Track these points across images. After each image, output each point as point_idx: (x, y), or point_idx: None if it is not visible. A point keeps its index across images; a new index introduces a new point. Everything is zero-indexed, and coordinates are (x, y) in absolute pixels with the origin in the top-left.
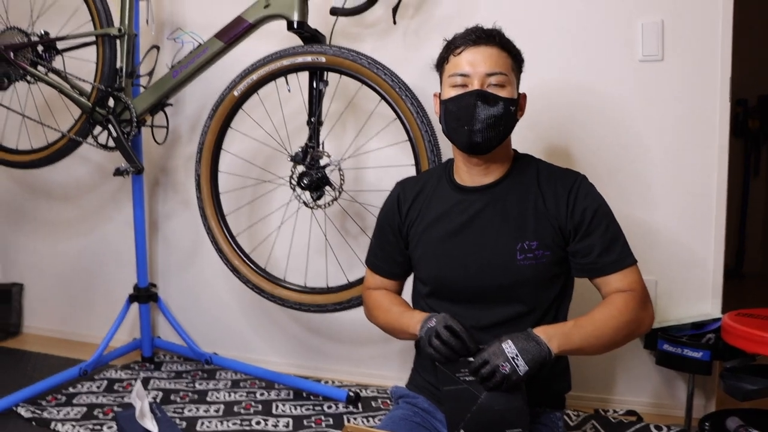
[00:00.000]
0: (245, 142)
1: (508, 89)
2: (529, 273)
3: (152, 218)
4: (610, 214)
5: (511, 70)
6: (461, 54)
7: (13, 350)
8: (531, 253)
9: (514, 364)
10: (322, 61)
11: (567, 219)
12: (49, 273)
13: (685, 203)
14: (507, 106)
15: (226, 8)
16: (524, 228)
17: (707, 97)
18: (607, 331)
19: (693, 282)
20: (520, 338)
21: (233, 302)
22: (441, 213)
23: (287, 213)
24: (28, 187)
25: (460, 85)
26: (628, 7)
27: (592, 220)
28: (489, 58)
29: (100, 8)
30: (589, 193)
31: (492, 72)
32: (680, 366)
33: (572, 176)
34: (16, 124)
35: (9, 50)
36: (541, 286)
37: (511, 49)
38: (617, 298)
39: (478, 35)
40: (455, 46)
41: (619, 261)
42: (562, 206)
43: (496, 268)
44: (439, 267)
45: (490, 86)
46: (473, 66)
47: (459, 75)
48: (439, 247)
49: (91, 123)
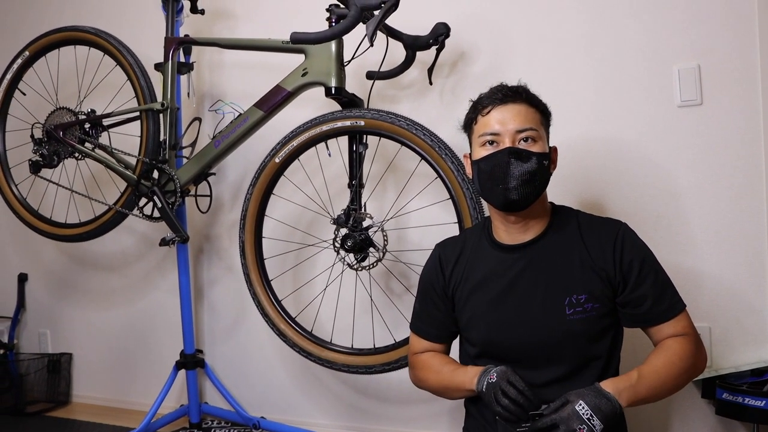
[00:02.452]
0: (288, 207)
1: (540, 144)
2: (579, 327)
3: (197, 285)
4: (656, 261)
5: (541, 125)
6: (490, 113)
7: (62, 420)
8: (580, 307)
9: (590, 426)
10: (361, 125)
11: (615, 270)
12: (97, 342)
13: (737, 248)
14: (540, 161)
15: (265, 78)
16: (571, 282)
17: (751, 139)
18: (669, 379)
19: (749, 327)
20: (590, 395)
21: (279, 366)
22: (485, 274)
23: (332, 275)
24: (77, 258)
25: (491, 144)
26: (662, 54)
27: (641, 270)
28: (518, 116)
29: (144, 84)
30: (635, 243)
31: (522, 128)
32: (741, 416)
33: (615, 225)
34: (65, 198)
35: (59, 130)
36: (592, 340)
37: (538, 104)
38: (674, 344)
39: (504, 93)
40: (482, 105)
41: (671, 308)
42: (608, 256)
43: (547, 325)
44: (488, 330)
45: (521, 143)
46: (503, 124)
47: (489, 134)
48: (488, 310)
49: (136, 195)
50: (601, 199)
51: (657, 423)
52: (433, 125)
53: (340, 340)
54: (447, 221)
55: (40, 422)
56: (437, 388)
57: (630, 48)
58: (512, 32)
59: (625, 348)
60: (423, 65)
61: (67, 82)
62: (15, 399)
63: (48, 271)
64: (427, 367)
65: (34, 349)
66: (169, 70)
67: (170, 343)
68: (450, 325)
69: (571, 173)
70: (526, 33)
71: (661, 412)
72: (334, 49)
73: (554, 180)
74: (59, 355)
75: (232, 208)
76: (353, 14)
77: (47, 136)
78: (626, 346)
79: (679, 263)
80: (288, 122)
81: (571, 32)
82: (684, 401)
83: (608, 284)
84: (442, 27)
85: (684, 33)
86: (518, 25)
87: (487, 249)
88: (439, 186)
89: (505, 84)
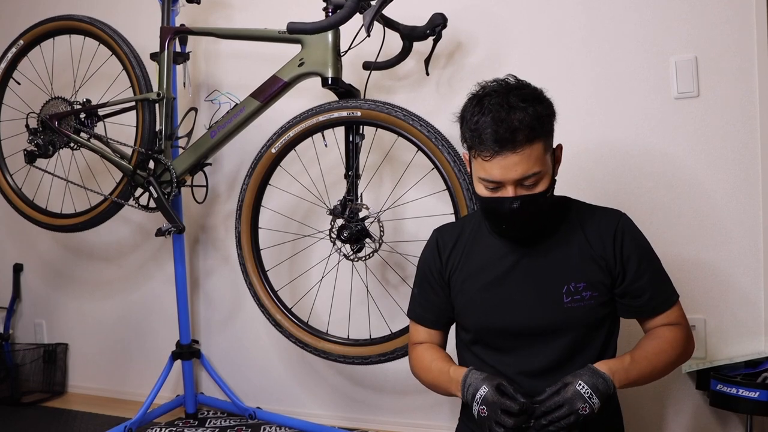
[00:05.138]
0: (284, 198)
1: (544, 180)
2: (577, 314)
3: (193, 276)
4: (653, 252)
5: (544, 154)
6: (490, 161)
7: (58, 410)
8: (578, 295)
9: (591, 404)
10: (357, 115)
11: (615, 260)
12: (93, 332)
13: (733, 240)
14: (544, 197)
15: (261, 68)
16: (570, 269)
17: (748, 130)
18: (659, 365)
19: (744, 319)
20: (587, 375)
21: (276, 356)
22: (483, 260)
23: (328, 266)
24: (72, 248)
25: (492, 189)
26: (659, 46)
27: (640, 262)
28: (520, 164)
29: (139, 74)
30: (635, 234)
31: (526, 176)
32: (736, 407)
33: (615, 215)
34: (60, 189)
35: (54, 119)
36: (589, 328)
37: (539, 134)
38: (666, 333)
39: (503, 139)
40: (479, 147)
41: (667, 301)
42: (608, 246)
43: (544, 311)
44: (485, 315)
45: (525, 187)
46: (504, 174)
47: (490, 181)
48: (484, 296)
49: (132, 185)
50: (597, 190)
51: (652, 414)
52: (430, 116)
53: (336, 331)
54: (443, 212)
55: (35, 412)
56: (429, 386)
57: (627, 39)
58: (509, 23)
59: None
60: (420, 56)
61: (63, 71)
62: (10, 389)
63: (43, 262)
64: (420, 362)
65: (30, 340)
66: (164, 59)
67: (166, 333)
68: (448, 310)
69: (568, 165)
70: (524, 24)
71: (656, 403)
72: (330, 39)
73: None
74: (55, 345)
75: (228, 199)
76: (350, 4)
77: (42, 125)
78: (622, 334)
79: (675, 254)
80: (284, 112)
81: (569, 23)
82: (678, 392)
83: (608, 274)
84: (438, 17)
85: (681, 25)
86: (515, 15)
87: (485, 236)
88: (436, 177)
89: (504, 113)
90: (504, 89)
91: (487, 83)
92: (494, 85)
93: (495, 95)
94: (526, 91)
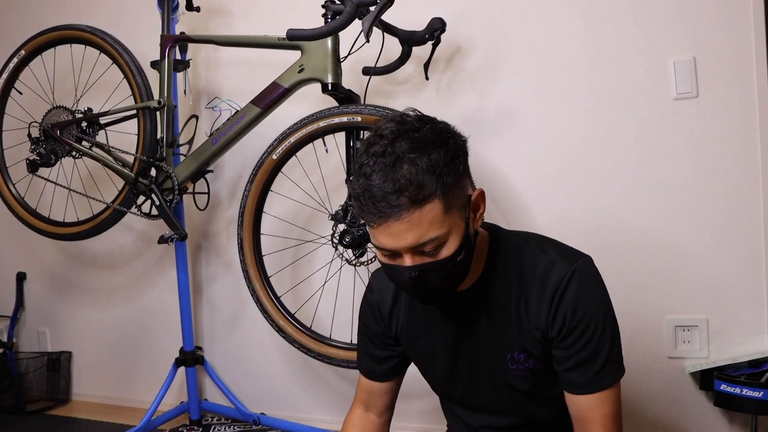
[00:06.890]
0: (285, 204)
1: (449, 244)
2: (525, 383)
3: (196, 282)
4: (600, 320)
5: (444, 213)
6: (376, 228)
7: (63, 418)
8: (521, 365)
9: None
10: (357, 120)
11: (549, 326)
12: (97, 340)
13: (734, 240)
14: (452, 262)
15: (261, 75)
16: (510, 338)
17: (747, 131)
18: None
19: (746, 319)
20: None
21: (279, 362)
22: (425, 323)
23: (330, 271)
24: (75, 257)
25: (388, 255)
26: (657, 47)
27: (574, 323)
28: (409, 231)
29: (140, 82)
30: (579, 293)
31: (420, 243)
32: (740, 407)
33: (562, 271)
34: (62, 198)
35: (55, 128)
36: (544, 390)
37: (432, 190)
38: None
39: (381, 208)
40: (362, 213)
41: (592, 383)
42: (544, 311)
43: (493, 379)
44: (438, 382)
45: (425, 253)
46: (394, 243)
47: (383, 249)
48: (434, 364)
49: (134, 193)
50: (596, 193)
51: (655, 415)
52: None
53: (339, 336)
54: None
55: (40, 421)
56: None
57: (626, 41)
58: (508, 26)
59: None
60: (419, 60)
61: (64, 80)
62: (15, 398)
63: (46, 270)
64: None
65: (34, 348)
66: (165, 67)
67: (169, 340)
68: (396, 359)
69: (567, 167)
70: (522, 27)
71: (659, 404)
72: (330, 45)
73: (550, 176)
74: (59, 354)
75: (230, 205)
76: (349, 10)
77: (44, 135)
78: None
79: (676, 256)
80: (285, 119)
81: (567, 26)
82: (682, 393)
83: (546, 343)
84: (437, 22)
85: (679, 25)
86: (514, 19)
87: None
88: None
89: (384, 175)
90: (394, 133)
91: (384, 123)
92: (390, 126)
93: (381, 142)
94: (421, 134)
